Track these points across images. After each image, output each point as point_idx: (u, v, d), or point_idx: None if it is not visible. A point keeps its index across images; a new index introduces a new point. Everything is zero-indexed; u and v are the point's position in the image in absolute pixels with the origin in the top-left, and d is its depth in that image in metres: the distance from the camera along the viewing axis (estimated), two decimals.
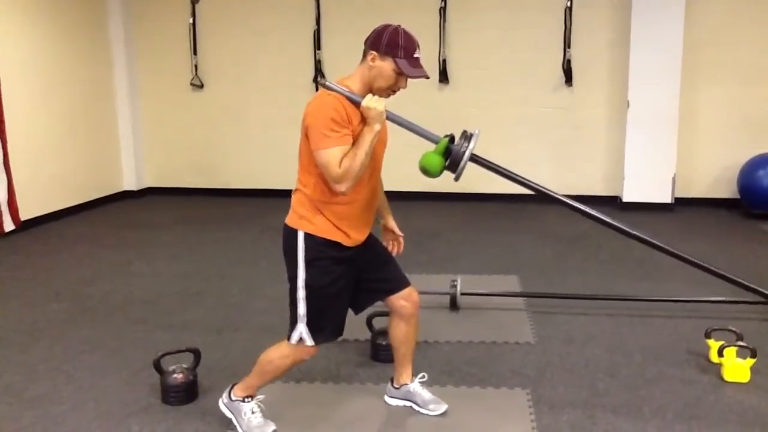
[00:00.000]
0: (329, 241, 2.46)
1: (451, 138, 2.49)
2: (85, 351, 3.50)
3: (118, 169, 7.69)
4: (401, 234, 2.84)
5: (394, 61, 2.36)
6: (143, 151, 7.86)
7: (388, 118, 2.41)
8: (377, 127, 2.35)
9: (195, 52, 7.50)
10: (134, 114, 7.69)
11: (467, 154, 2.44)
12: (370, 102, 2.33)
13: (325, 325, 2.52)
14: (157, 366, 2.94)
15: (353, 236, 2.50)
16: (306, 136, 2.40)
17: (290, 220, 2.50)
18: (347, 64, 2.71)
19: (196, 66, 7.53)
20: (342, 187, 2.33)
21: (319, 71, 7.24)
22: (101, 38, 7.34)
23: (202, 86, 7.58)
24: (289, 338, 2.53)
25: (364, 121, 2.37)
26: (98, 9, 7.27)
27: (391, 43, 2.36)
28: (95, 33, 7.24)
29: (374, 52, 2.38)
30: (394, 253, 2.81)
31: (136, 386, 3.10)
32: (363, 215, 2.54)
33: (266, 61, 7.43)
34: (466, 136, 2.47)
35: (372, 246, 2.66)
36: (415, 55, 2.38)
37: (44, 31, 6.49)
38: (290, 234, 2.49)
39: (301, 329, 2.49)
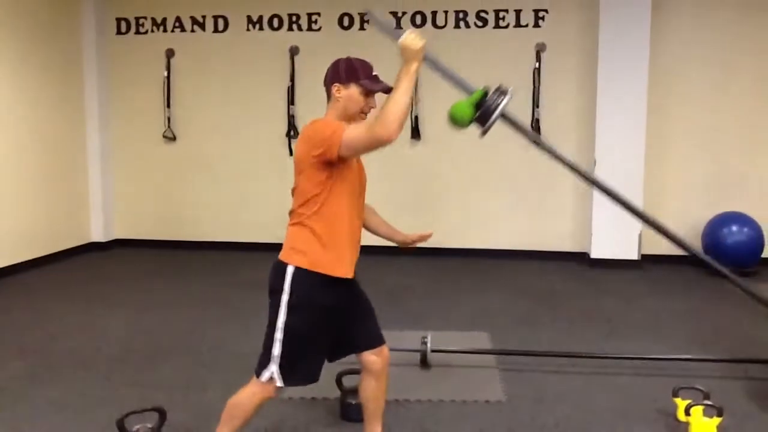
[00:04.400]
0: (318, 278, 2.45)
1: (485, 93, 2.48)
2: (49, 411, 3.41)
3: (87, 220, 7.61)
4: (416, 238, 2.87)
5: (358, 84, 2.47)
6: (113, 202, 7.81)
7: (426, 58, 2.36)
8: (414, 66, 2.29)
9: (168, 105, 7.55)
10: (105, 165, 7.66)
11: (500, 108, 2.42)
12: (407, 39, 2.29)
13: (297, 370, 2.50)
14: (121, 426, 2.88)
15: (340, 263, 2.50)
16: (308, 155, 2.41)
17: (281, 254, 2.52)
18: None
19: (169, 119, 7.57)
20: (384, 132, 2.22)
21: (292, 126, 7.32)
22: (74, 87, 7.35)
23: (174, 138, 7.61)
24: (258, 375, 2.50)
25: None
26: (73, 58, 7.30)
27: (349, 70, 2.48)
28: (69, 82, 7.25)
29: (337, 84, 2.48)
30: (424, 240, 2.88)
31: None
32: (350, 243, 2.54)
33: (240, 115, 7.50)
34: (501, 91, 2.47)
35: (358, 296, 2.68)
36: (374, 74, 2.51)
37: (17, 80, 6.49)
38: (279, 269, 2.49)
39: (273, 369, 2.47)
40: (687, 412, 3.17)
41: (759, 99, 6.83)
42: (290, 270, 2.46)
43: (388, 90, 2.47)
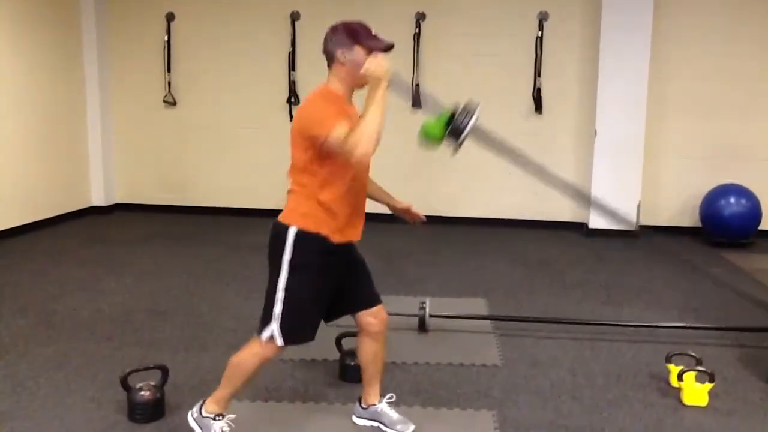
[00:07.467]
0: (318, 239, 2.48)
1: (453, 113, 2.51)
2: (51, 368, 3.47)
3: (87, 184, 7.61)
4: (410, 206, 2.90)
5: (362, 45, 2.44)
6: (114, 167, 7.81)
7: (392, 80, 2.37)
8: (380, 91, 2.32)
9: (169, 70, 7.51)
10: (105, 129, 7.64)
11: (468, 128, 2.46)
12: (371, 66, 2.33)
13: (297, 329, 2.55)
14: (124, 383, 2.93)
15: (344, 231, 2.53)
16: (301, 134, 2.44)
17: (282, 216, 2.55)
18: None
19: (169, 83, 7.53)
20: (359, 151, 2.26)
21: (293, 92, 7.30)
22: (74, 52, 7.30)
23: (174, 103, 7.58)
24: (259, 334, 2.54)
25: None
26: (72, 23, 7.25)
27: (350, 33, 2.46)
28: (68, 47, 7.21)
29: (341, 49, 2.46)
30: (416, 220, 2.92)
31: (103, 404, 3.07)
32: (354, 213, 2.57)
33: (240, 80, 7.46)
34: (468, 110, 2.49)
35: (356, 258, 2.72)
36: (374, 33, 2.49)
37: (16, 44, 6.45)
38: (280, 230, 2.51)
39: (273, 328, 2.51)
40: (680, 378, 3.23)
41: (761, 70, 6.80)
42: (292, 231, 2.49)
43: (390, 47, 2.48)
